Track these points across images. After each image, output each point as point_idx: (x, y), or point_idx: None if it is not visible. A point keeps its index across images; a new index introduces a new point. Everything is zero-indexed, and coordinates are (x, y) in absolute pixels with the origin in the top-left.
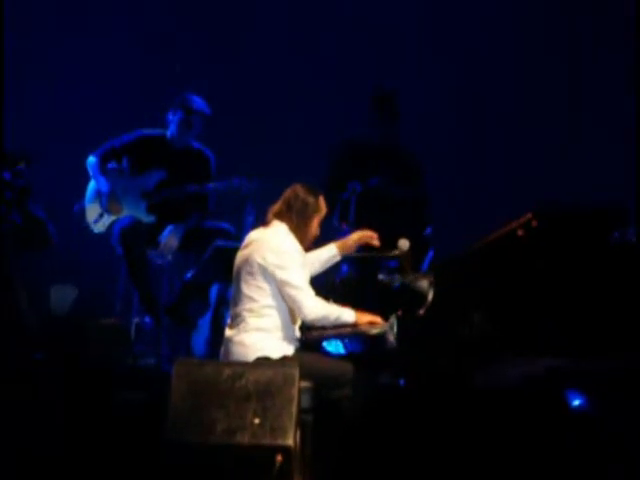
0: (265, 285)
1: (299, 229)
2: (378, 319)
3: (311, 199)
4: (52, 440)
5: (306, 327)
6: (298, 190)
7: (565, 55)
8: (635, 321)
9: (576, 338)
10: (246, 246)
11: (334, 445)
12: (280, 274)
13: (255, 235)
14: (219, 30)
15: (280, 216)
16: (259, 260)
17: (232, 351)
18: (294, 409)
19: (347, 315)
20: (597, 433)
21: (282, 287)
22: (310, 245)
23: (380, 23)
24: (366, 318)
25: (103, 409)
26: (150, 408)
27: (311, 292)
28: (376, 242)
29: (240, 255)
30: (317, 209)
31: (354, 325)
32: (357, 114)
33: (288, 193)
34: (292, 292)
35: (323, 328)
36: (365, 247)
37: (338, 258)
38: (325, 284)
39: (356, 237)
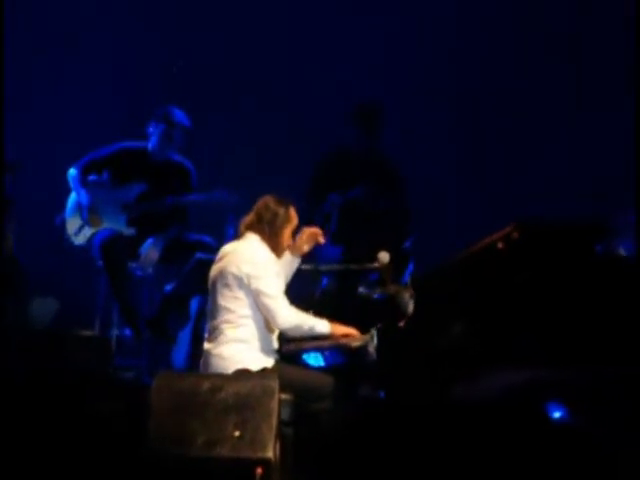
0: (241, 295)
1: (271, 240)
2: (353, 331)
3: (281, 210)
4: (31, 451)
5: (286, 339)
6: (268, 201)
7: (565, 57)
8: (616, 332)
9: (556, 350)
10: (220, 259)
11: (314, 458)
12: (255, 283)
13: (228, 248)
14: (200, 40)
15: (252, 228)
16: (234, 271)
17: (211, 364)
18: (274, 421)
19: (321, 326)
20: (579, 445)
21: (256, 296)
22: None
23: (366, 33)
24: (341, 330)
25: (83, 421)
26: (130, 420)
27: (285, 301)
28: (321, 239)
29: (214, 268)
30: (288, 219)
31: (329, 336)
32: (340, 126)
33: (259, 205)
34: (266, 301)
35: (303, 340)
36: (345, 260)
37: (297, 260)
38: (305, 297)
39: (303, 236)
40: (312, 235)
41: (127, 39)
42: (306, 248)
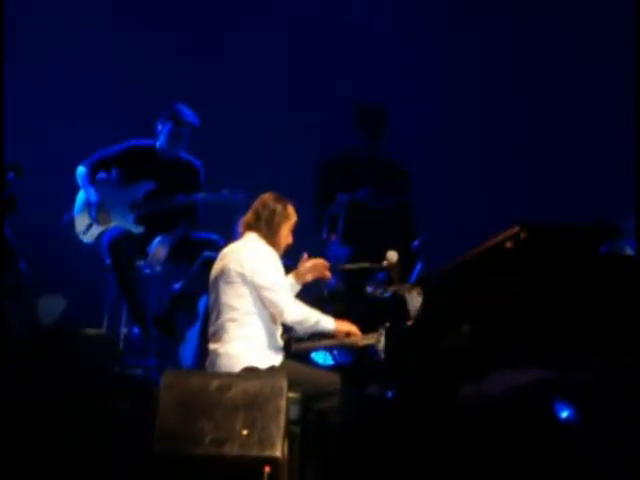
0: (245, 292)
1: (270, 237)
2: (356, 330)
3: (279, 207)
4: (39, 449)
5: (296, 338)
6: (266, 199)
7: (570, 60)
8: (623, 332)
9: (564, 349)
10: (221, 259)
11: (322, 457)
12: (258, 279)
13: (229, 249)
14: (207, 40)
15: (250, 227)
16: (237, 268)
17: (218, 363)
18: (282, 420)
19: (326, 321)
20: (586, 444)
21: (261, 291)
22: (284, 253)
23: (368, 35)
24: (345, 327)
25: (91, 420)
26: (138, 419)
27: (291, 296)
28: (328, 273)
29: (215, 268)
30: (286, 216)
31: (332, 335)
32: (347, 126)
33: (256, 203)
34: (270, 295)
35: (311, 340)
36: (353, 259)
37: (297, 287)
38: (314, 296)
39: (309, 265)
40: (318, 268)
41: (132, 37)
42: (309, 278)
